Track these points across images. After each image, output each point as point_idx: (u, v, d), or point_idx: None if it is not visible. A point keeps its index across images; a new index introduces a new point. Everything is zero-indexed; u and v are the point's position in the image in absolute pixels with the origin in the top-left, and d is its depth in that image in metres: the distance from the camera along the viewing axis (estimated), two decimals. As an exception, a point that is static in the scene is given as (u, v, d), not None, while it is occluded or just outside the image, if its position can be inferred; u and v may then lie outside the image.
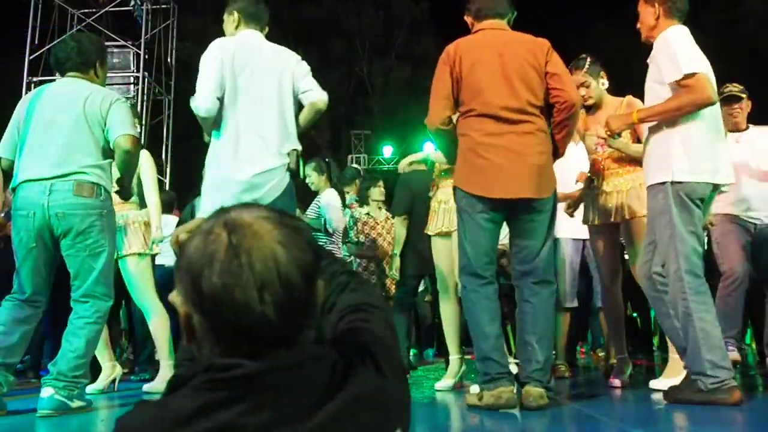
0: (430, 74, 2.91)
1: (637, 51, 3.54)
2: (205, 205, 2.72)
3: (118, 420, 0.81)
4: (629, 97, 3.56)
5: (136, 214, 3.75)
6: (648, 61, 2.91)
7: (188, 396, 0.77)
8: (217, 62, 2.73)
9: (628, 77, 4.31)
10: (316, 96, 2.85)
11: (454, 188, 2.85)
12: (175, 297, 0.89)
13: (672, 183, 2.69)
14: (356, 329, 0.93)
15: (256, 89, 2.77)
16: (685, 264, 2.65)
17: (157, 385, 3.47)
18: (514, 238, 2.83)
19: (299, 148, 2.83)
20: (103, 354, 3.71)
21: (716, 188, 2.80)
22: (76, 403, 2.73)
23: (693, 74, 2.66)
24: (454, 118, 2.86)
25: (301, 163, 2.87)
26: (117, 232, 3.33)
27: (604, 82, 3.59)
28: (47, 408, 2.63)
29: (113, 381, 3.74)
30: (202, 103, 2.69)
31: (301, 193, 3.30)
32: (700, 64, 2.71)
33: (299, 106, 2.89)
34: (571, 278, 4.17)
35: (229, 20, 2.97)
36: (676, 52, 2.71)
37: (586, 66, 3.55)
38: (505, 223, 2.87)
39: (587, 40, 16.69)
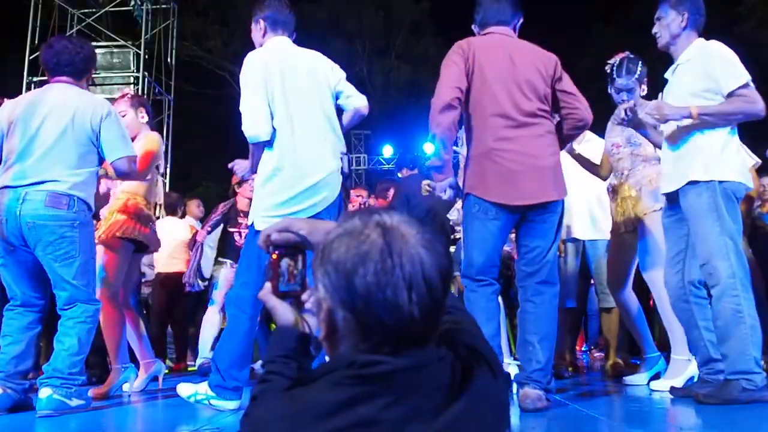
0: (430, 74, 2.91)
1: (637, 52, 3.53)
2: (262, 206, 2.74)
3: (248, 412, 0.83)
4: None
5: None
6: (678, 68, 2.90)
7: (329, 390, 0.80)
8: (261, 80, 2.73)
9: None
10: (359, 102, 2.98)
11: (466, 195, 2.76)
12: (265, 294, 0.97)
13: (720, 182, 2.70)
14: (457, 330, 0.96)
15: (300, 96, 2.80)
16: (737, 260, 2.64)
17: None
18: (522, 238, 2.79)
19: (345, 150, 2.93)
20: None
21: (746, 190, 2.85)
22: (75, 402, 2.72)
23: (747, 84, 2.70)
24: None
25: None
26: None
27: (644, 88, 3.48)
28: (46, 408, 2.62)
29: (156, 378, 3.75)
30: (260, 131, 2.70)
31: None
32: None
33: (338, 110, 2.97)
34: (571, 279, 4.16)
35: (256, 29, 2.98)
36: (732, 62, 2.75)
37: (637, 72, 3.40)
38: None
39: (587, 41, 16.69)
